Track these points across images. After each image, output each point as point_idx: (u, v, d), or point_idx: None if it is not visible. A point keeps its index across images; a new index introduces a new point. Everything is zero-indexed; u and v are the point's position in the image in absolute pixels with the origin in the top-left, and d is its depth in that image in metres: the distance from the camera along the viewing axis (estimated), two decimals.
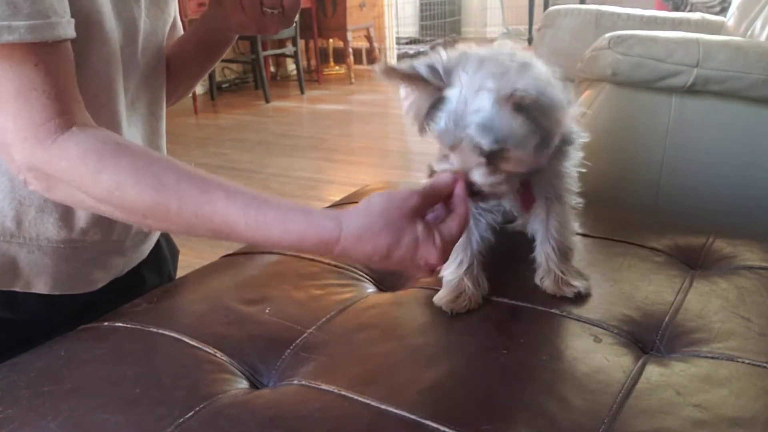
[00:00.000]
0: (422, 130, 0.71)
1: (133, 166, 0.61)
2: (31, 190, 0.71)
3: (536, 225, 0.82)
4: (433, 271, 0.64)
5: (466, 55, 0.69)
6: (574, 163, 0.79)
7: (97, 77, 0.71)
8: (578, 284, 0.79)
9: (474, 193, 0.68)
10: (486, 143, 0.65)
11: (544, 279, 0.81)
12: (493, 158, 0.66)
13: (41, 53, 0.60)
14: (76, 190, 0.62)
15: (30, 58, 0.60)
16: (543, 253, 0.81)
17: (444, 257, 0.63)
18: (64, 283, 0.78)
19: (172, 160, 0.64)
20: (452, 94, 0.67)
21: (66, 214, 0.74)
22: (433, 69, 0.67)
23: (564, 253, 0.81)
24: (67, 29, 0.62)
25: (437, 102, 0.68)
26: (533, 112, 0.65)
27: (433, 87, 0.68)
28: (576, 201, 0.82)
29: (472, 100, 0.66)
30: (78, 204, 0.66)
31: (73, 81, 0.64)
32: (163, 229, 0.70)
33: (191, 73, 0.95)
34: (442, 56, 0.69)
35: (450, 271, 0.79)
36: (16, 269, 0.74)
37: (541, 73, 0.69)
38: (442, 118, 0.67)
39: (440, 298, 0.78)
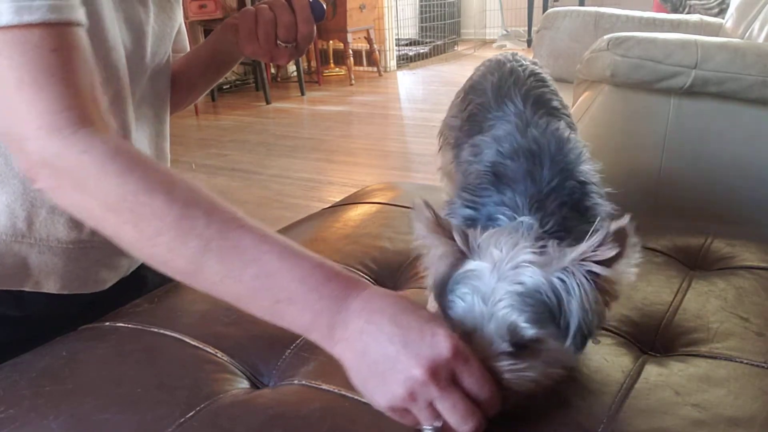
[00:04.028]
0: (441, 297, 0.60)
1: (164, 175, 0.58)
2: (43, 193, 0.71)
3: None
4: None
5: (498, 232, 0.60)
6: None
7: (106, 81, 0.71)
8: None
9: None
10: (522, 320, 0.55)
11: None
12: (522, 348, 0.56)
13: (60, 39, 0.57)
14: (85, 192, 0.58)
15: (48, 43, 0.56)
16: None
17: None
18: (73, 283, 0.78)
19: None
20: (481, 267, 0.57)
21: None
22: (465, 237, 0.59)
23: None
24: (83, 16, 0.60)
25: (457, 272, 0.59)
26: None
27: (458, 251, 0.59)
28: None
29: (508, 274, 0.56)
30: (83, 210, 0.60)
31: (92, 80, 0.60)
32: (166, 255, 0.57)
33: (198, 86, 0.99)
34: (476, 232, 0.60)
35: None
36: (27, 269, 0.75)
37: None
38: (468, 294, 0.56)
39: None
